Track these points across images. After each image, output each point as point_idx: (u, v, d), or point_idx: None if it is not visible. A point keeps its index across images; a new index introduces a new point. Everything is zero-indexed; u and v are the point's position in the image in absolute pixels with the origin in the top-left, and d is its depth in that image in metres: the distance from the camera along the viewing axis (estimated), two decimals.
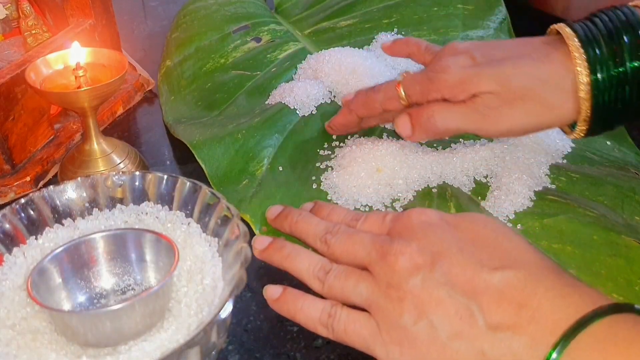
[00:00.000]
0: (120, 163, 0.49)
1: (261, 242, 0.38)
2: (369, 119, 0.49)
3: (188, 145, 0.52)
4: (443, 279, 0.30)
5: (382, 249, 0.32)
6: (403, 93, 0.44)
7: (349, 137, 0.51)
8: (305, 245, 0.37)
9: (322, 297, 0.34)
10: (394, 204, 0.44)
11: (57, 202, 0.38)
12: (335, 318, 0.33)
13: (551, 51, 0.40)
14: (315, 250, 0.36)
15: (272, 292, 0.35)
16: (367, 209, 0.44)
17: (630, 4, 0.40)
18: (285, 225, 0.39)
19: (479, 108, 0.41)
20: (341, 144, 0.50)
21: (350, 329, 0.32)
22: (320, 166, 0.48)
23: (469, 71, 0.41)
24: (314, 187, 0.46)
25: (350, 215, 0.38)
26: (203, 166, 0.50)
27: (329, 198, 0.45)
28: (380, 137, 0.50)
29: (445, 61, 0.43)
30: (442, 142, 0.50)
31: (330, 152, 0.50)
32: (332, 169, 0.47)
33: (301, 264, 0.35)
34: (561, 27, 0.40)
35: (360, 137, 0.51)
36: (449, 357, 0.29)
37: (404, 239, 0.32)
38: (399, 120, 0.44)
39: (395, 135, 0.51)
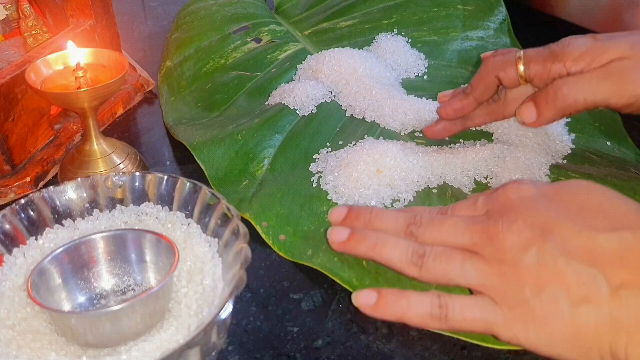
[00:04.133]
0: (120, 163, 0.49)
1: (339, 234, 0.36)
2: (478, 113, 0.47)
3: (188, 147, 0.52)
4: (558, 250, 0.30)
5: (486, 229, 0.32)
6: (522, 68, 0.42)
7: (350, 140, 0.51)
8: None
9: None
10: (394, 204, 0.44)
11: (57, 202, 0.38)
12: (448, 308, 0.32)
13: None
14: None
15: (367, 298, 0.34)
16: None
17: None
18: (357, 225, 0.38)
19: (612, 73, 0.39)
20: (341, 144, 0.50)
21: (468, 316, 0.32)
22: (320, 167, 0.48)
23: (596, 43, 0.40)
24: (314, 186, 0.46)
25: (434, 209, 0.37)
26: (203, 167, 0.50)
27: (329, 198, 0.45)
28: (380, 138, 0.50)
29: (566, 41, 0.41)
30: (442, 142, 0.50)
31: (330, 152, 0.50)
32: (333, 169, 0.47)
33: (391, 252, 0.34)
34: None
35: (360, 138, 0.51)
36: (577, 326, 0.29)
37: (507, 216, 0.32)
38: (521, 107, 0.42)
39: (394, 136, 0.51)
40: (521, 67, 0.42)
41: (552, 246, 0.30)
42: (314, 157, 0.50)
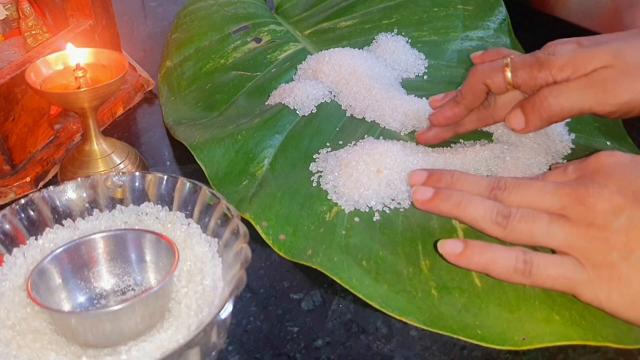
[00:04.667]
0: (120, 163, 0.49)
1: (423, 193, 0.37)
2: (469, 119, 0.48)
3: (188, 147, 0.52)
4: None
5: (576, 193, 0.33)
6: (509, 75, 0.43)
7: (350, 140, 0.51)
8: None
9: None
10: (394, 204, 0.44)
11: (57, 202, 0.38)
12: (533, 264, 0.33)
13: None
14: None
15: (453, 247, 0.35)
16: (367, 209, 0.44)
17: None
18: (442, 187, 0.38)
19: (596, 82, 0.40)
20: (342, 144, 0.50)
21: (552, 273, 0.33)
22: (320, 166, 0.48)
23: (580, 51, 0.41)
24: (314, 185, 0.46)
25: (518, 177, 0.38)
26: (203, 168, 0.50)
27: (329, 198, 0.45)
28: (380, 138, 0.50)
29: (551, 47, 0.42)
30: (442, 142, 0.50)
31: (330, 152, 0.50)
32: (333, 169, 0.47)
33: (475, 211, 0.35)
34: None
35: (360, 138, 0.51)
36: None
37: (599, 181, 0.33)
38: (510, 115, 0.44)
39: (394, 136, 0.51)
40: (509, 75, 0.43)
41: None
42: (314, 157, 0.50)
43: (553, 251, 0.35)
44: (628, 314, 0.32)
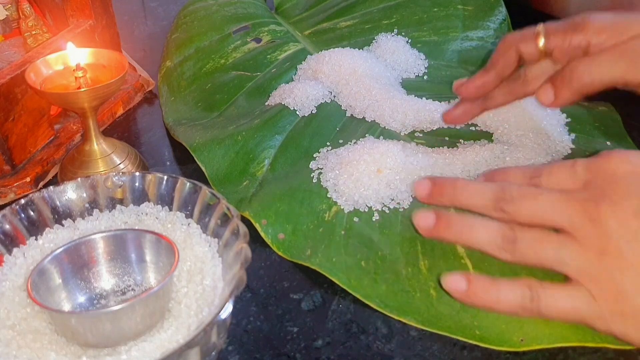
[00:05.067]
0: (120, 164, 0.49)
1: (425, 220, 0.35)
2: (499, 92, 0.46)
3: (188, 149, 0.52)
4: None
5: (586, 211, 0.30)
6: (542, 41, 0.41)
7: (351, 139, 0.51)
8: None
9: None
10: (393, 205, 0.44)
11: (57, 202, 0.38)
12: (540, 300, 0.31)
13: None
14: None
15: (457, 284, 0.33)
16: (366, 209, 0.44)
17: None
18: (444, 202, 0.36)
19: (630, 51, 0.37)
20: (342, 143, 0.50)
21: (561, 307, 0.30)
22: (321, 164, 0.48)
23: (618, 17, 0.39)
24: (314, 181, 0.46)
25: (526, 173, 0.35)
26: (203, 169, 0.50)
27: (329, 196, 0.45)
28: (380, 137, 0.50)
29: (587, 13, 0.40)
30: (442, 143, 0.50)
31: (331, 150, 0.50)
32: (333, 166, 0.47)
33: (480, 237, 0.33)
34: None
35: (361, 137, 0.51)
36: None
37: (611, 196, 0.29)
38: (539, 89, 0.42)
39: (394, 136, 0.51)
40: (541, 40, 0.41)
41: None
42: (314, 155, 0.50)
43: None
44: None
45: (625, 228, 0.29)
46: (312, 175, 0.47)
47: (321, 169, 0.47)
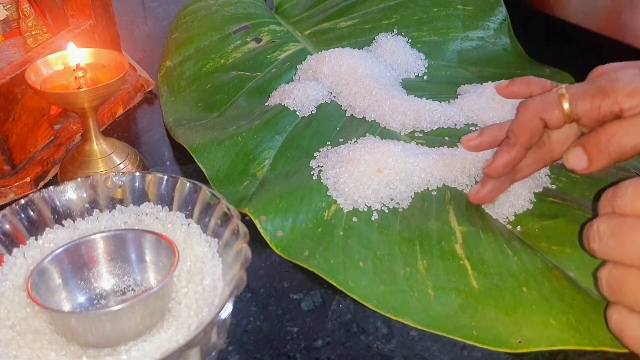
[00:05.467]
0: (120, 164, 0.49)
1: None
2: (526, 163, 0.42)
3: (188, 150, 0.52)
4: None
5: None
6: (567, 106, 0.38)
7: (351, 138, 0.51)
8: None
9: None
10: (392, 204, 0.44)
11: (57, 202, 0.38)
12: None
13: None
14: None
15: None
16: (365, 208, 0.44)
17: None
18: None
19: None
20: (342, 142, 0.50)
21: None
22: (321, 162, 0.48)
23: None
24: (314, 179, 0.46)
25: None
26: (204, 170, 0.50)
27: (329, 194, 0.45)
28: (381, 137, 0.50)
29: (612, 73, 0.37)
30: (442, 143, 0.50)
31: (331, 149, 0.50)
32: (334, 164, 0.47)
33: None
34: None
35: (361, 137, 0.51)
36: None
37: None
38: (570, 154, 0.38)
39: (394, 136, 0.51)
40: (566, 106, 0.38)
41: None
42: (314, 155, 0.50)
43: None
44: None
45: None
46: (312, 173, 0.47)
47: (321, 166, 0.47)
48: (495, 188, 0.43)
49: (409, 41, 0.65)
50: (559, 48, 0.69)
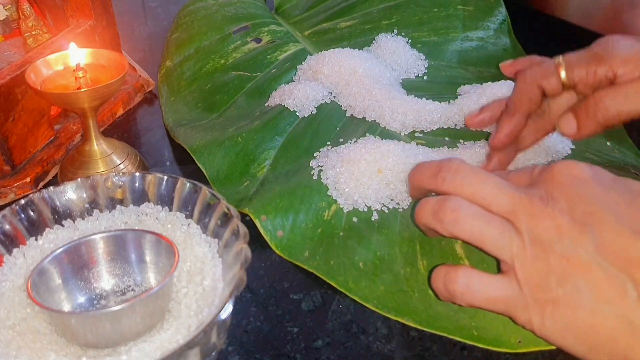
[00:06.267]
0: (120, 164, 0.49)
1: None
2: (528, 132, 0.44)
3: (188, 151, 0.52)
4: (593, 245, 0.29)
5: (529, 202, 0.31)
6: (564, 74, 0.40)
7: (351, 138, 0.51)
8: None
9: None
10: (392, 204, 0.44)
11: (57, 203, 0.38)
12: (472, 290, 0.32)
13: None
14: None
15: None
16: (365, 208, 0.44)
17: None
18: (413, 192, 0.39)
19: None
20: (342, 142, 0.50)
21: (491, 296, 0.31)
22: (321, 161, 0.48)
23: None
24: (314, 178, 0.46)
25: (498, 173, 0.36)
26: (204, 170, 0.50)
27: (329, 194, 0.45)
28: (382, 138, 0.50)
29: (609, 41, 0.39)
30: (442, 143, 0.50)
31: (331, 149, 0.50)
32: (334, 164, 0.47)
33: (420, 212, 0.34)
34: None
35: (361, 137, 0.51)
36: (595, 322, 0.29)
37: (552, 195, 0.31)
38: (561, 119, 0.40)
39: (394, 136, 0.51)
40: (563, 73, 0.40)
41: (589, 240, 0.29)
42: (315, 154, 0.50)
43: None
44: (559, 341, 0.30)
45: (557, 222, 0.30)
46: (312, 173, 0.47)
47: (321, 166, 0.47)
48: (502, 160, 0.44)
49: (409, 41, 0.65)
50: (559, 48, 0.69)
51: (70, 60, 0.48)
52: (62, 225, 0.38)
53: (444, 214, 0.32)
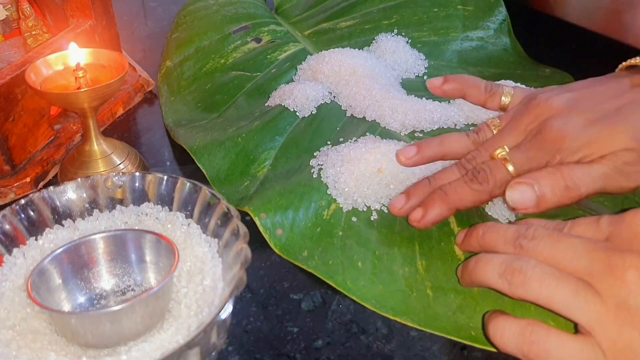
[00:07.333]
0: (120, 164, 0.49)
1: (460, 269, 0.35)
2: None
3: (188, 151, 0.52)
4: None
5: (610, 260, 0.29)
6: (512, 168, 0.38)
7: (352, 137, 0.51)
8: None
9: None
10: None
11: (57, 202, 0.38)
12: (538, 345, 0.29)
13: None
14: None
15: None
16: (365, 208, 0.44)
17: None
18: (473, 243, 0.36)
19: (618, 166, 0.36)
20: (342, 141, 0.50)
21: (567, 357, 0.29)
22: (321, 160, 0.48)
23: (593, 130, 0.36)
24: (314, 177, 0.46)
25: (549, 224, 0.34)
26: (204, 171, 0.50)
27: (329, 193, 0.45)
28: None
29: (554, 124, 0.37)
30: None
31: (331, 148, 0.50)
32: (334, 163, 0.47)
33: (479, 268, 0.32)
34: None
35: (362, 135, 0.51)
36: None
37: (634, 250, 0.28)
38: (514, 192, 0.37)
39: (394, 136, 0.51)
40: (510, 167, 0.38)
41: None
42: (315, 154, 0.50)
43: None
44: None
45: None
46: (312, 171, 0.47)
47: (321, 165, 0.47)
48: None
49: (409, 41, 0.65)
50: (559, 48, 0.69)
51: (70, 60, 0.48)
52: (62, 225, 0.38)
53: (512, 276, 0.31)
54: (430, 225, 0.40)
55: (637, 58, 0.39)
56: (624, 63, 0.41)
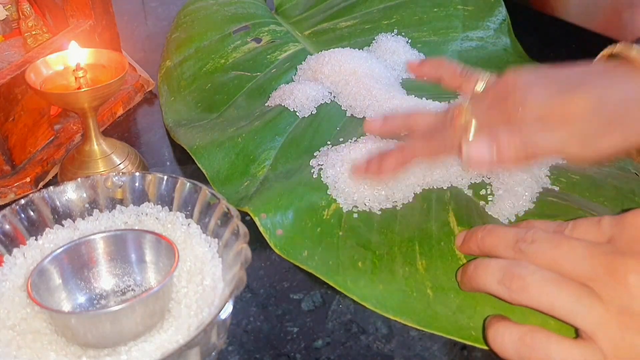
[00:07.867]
0: (120, 164, 0.49)
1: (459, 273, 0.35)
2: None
3: (188, 151, 0.52)
4: None
5: (611, 265, 0.28)
6: (472, 122, 0.37)
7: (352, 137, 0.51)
8: None
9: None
10: (392, 204, 0.44)
11: (57, 202, 0.38)
12: (538, 351, 0.29)
13: (628, 71, 0.35)
14: None
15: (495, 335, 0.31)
16: (365, 208, 0.44)
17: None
18: (472, 247, 0.36)
19: (576, 134, 0.35)
20: (342, 141, 0.50)
21: None
22: (321, 160, 0.48)
23: (556, 98, 0.35)
24: (314, 177, 0.46)
25: (550, 226, 0.34)
26: (204, 171, 0.50)
27: (329, 193, 0.45)
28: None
29: (519, 91, 0.37)
30: None
31: (331, 148, 0.50)
32: (334, 163, 0.47)
33: (479, 274, 0.32)
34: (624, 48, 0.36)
35: (362, 136, 0.51)
36: None
37: (637, 253, 0.28)
38: (470, 145, 0.36)
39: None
40: (470, 119, 0.37)
41: None
42: (315, 154, 0.50)
43: None
44: None
45: None
46: (312, 171, 0.47)
47: (321, 165, 0.47)
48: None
49: (409, 41, 0.65)
50: (559, 48, 0.69)
51: (70, 60, 0.48)
52: (62, 225, 0.38)
53: (511, 282, 0.31)
54: (385, 173, 0.40)
55: (616, 46, 0.38)
56: (603, 51, 0.39)
